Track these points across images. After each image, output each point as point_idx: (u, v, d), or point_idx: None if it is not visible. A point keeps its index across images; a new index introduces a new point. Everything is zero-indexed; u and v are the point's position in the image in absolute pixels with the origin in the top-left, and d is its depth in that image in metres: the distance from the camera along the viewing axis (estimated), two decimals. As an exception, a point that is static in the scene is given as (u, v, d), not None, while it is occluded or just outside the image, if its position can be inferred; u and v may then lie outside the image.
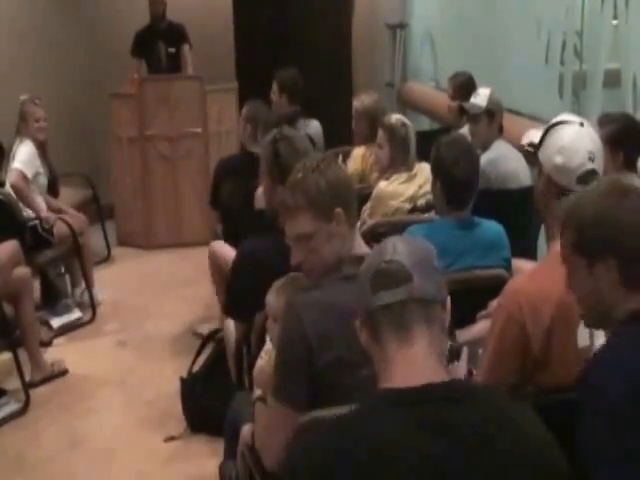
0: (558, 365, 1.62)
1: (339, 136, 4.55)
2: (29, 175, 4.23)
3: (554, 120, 1.77)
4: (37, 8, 5.78)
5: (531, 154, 1.85)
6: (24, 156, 4.24)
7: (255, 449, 1.89)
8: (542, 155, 1.74)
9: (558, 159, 1.69)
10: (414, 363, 1.19)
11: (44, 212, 4.26)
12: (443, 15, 5.80)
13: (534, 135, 1.85)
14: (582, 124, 1.73)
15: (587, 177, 1.71)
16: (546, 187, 1.73)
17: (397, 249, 1.27)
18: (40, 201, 4.32)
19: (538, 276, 1.75)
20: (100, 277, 4.64)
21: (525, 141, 1.90)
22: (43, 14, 5.82)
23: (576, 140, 1.70)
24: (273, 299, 2.01)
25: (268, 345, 1.99)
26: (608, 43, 3.45)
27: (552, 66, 3.84)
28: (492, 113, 3.43)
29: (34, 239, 4.13)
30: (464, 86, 4.09)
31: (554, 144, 1.71)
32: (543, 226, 2.50)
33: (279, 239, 2.33)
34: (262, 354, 2.09)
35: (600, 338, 1.63)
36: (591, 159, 1.70)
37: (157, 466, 3.01)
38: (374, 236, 2.61)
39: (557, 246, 1.69)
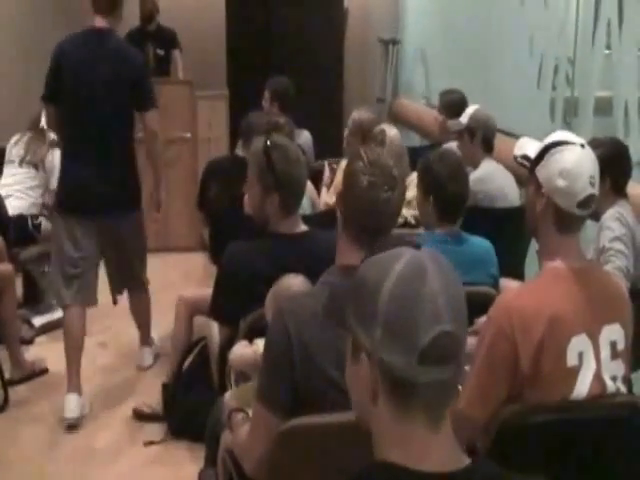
0: (547, 383, 1.62)
1: (328, 148, 4.58)
2: None
3: (554, 138, 1.74)
4: (31, 12, 5.80)
5: (524, 167, 1.83)
6: None
7: (235, 454, 1.89)
8: (541, 175, 1.71)
9: (560, 182, 1.68)
10: (438, 449, 1.03)
11: None
12: (436, 33, 5.85)
13: (528, 147, 1.82)
14: (583, 146, 1.71)
15: (587, 201, 1.70)
16: (545, 208, 1.71)
17: (453, 306, 1.02)
18: None
19: (531, 292, 1.75)
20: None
21: (518, 152, 1.83)
22: (37, 18, 5.84)
23: (579, 164, 1.68)
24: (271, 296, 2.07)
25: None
26: (600, 71, 3.50)
27: (544, 89, 3.90)
28: (473, 131, 3.45)
29: (18, 234, 4.10)
30: (454, 104, 4.12)
31: (556, 166, 1.69)
32: (533, 244, 2.54)
33: (265, 243, 2.34)
34: (244, 342, 2.11)
35: (590, 359, 1.65)
36: (592, 184, 1.69)
37: (136, 469, 2.99)
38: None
39: (551, 264, 1.72)
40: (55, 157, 4.32)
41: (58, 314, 4.30)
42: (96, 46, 3.32)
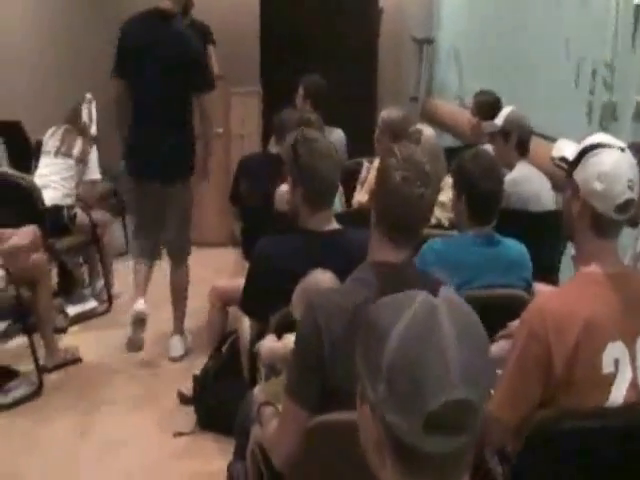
0: (581, 389, 1.61)
1: (361, 146, 4.58)
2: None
3: (593, 141, 1.72)
4: (64, 6, 5.92)
5: (561, 169, 1.81)
6: (97, 166, 4.38)
7: (265, 448, 1.91)
8: (579, 177, 1.70)
9: (598, 185, 1.66)
10: None
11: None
12: (471, 32, 5.82)
13: (566, 149, 1.81)
14: (622, 149, 1.69)
15: (626, 206, 1.67)
16: (581, 211, 1.70)
17: (469, 366, 0.88)
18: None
19: (565, 295, 1.73)
20: (117, 270, 4.67)
21: (556, 154, 1.81)
22: (70, 11, 5.95)
23: (617, 167, 1.66)
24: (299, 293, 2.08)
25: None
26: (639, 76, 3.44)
27: (580, 93, 3.85)
28: (507, 133, 3.40)
29: (53, 225, 4.16)
30: (487, 105, 4.10)
31: (594, 169, 1.67)
32: (568, 251, 2.52)
33: (295, 239, 2.35)
34: (273, 337, 2.13)
35: (626, 367, 1.64)
36: (630, 187, 1.66)
37: (164, 460, 3.03)
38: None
39: (587, 268, 1.70)
40: (92, 151, 4.39)
41: (91, 304, 4.39)
42: (157, 27, 3.61)
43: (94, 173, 4.39)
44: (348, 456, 1.63)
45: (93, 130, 4.45)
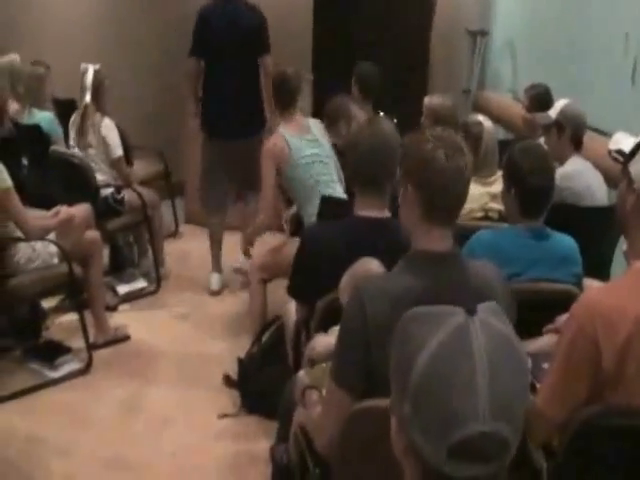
0: (630, 385, 1.59)
1: (411, 137, 4.56)
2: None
3: None
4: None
5: (617, 162, 1.79)
6: (118, 140, 4.29)
7: (307, 431, 1.93)
8: (634, 170, 1.67)
9: None
10: None
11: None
12: (526, 25, 5.74)
13: (623, 142, 1.78)
14: None
15: None
16: (635, 204, 1.67)
17: (500, 399, 0.85)
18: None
19: (615, 290, 1.70)
20: (165, 251, 4.73)
21: (613, 146, 1.82)
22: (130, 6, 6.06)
23: None
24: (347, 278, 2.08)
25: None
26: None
27: (639, 87, 3.77)
28: (562, 126, 3.35)
29: (105, 207, 4.22)
30: (540, 98, 4.04)
31: None
32: (620, 247, 2.48)
33: (344, 225, 2.35)
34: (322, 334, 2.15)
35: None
36: None
37: (208, 440, 3.06)
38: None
39: (639, 263, 1.67)
40: (103, 126, 4.24)
41: (141, 284, 4.45)
42: (228, 9, 4.35)
43: (115, 152, 4.26)
44: (389, 442, 1.66)
45: (87, 98, 4.22)
